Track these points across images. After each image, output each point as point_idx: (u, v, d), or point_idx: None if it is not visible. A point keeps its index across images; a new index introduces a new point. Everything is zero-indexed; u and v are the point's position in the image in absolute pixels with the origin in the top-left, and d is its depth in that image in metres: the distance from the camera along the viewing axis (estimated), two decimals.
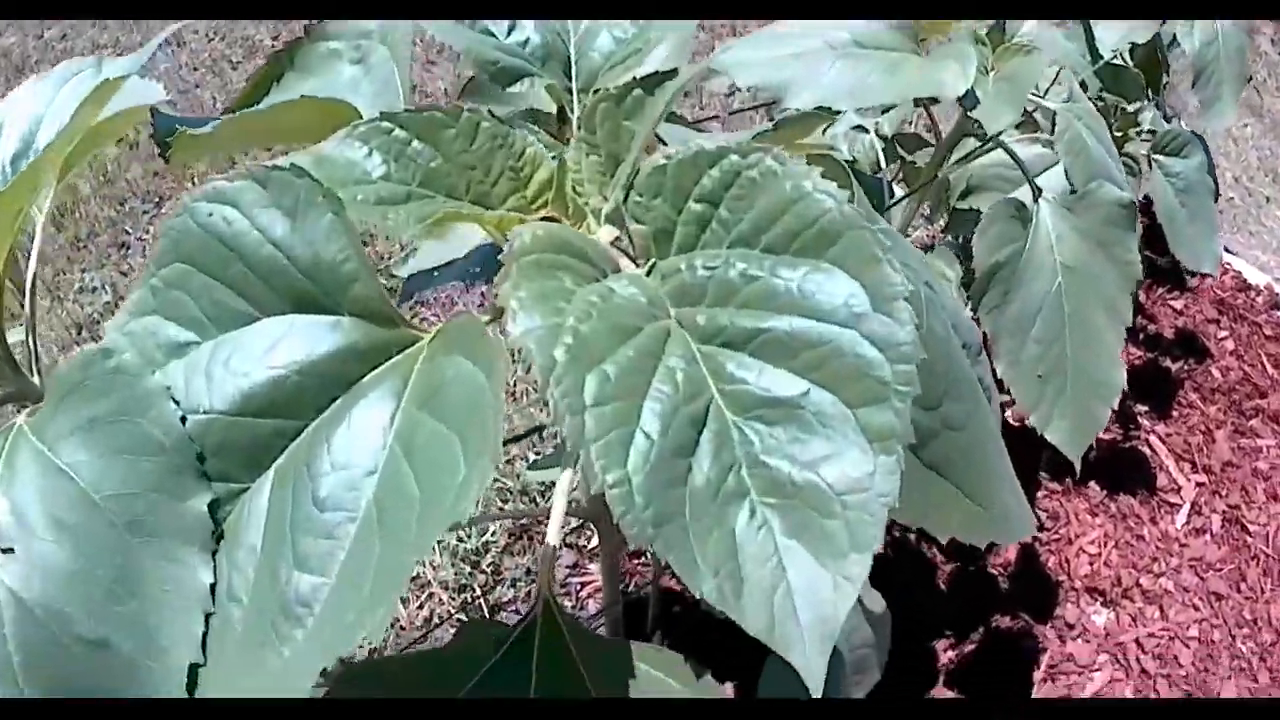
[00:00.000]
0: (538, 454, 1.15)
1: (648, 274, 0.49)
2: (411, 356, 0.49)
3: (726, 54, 0.80)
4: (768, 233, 0.46)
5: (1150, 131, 1.37)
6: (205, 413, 0.49)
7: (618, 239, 0.52)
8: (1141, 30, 1.48)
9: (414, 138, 0.53)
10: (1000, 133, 0.86)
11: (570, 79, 0.60)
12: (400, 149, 0.53)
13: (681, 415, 0.43)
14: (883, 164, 1.09)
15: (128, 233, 2.28)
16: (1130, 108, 1.32)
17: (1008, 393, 0.97)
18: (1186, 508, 1.63)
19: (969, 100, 0.83)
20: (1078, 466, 1.01)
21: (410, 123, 0.53)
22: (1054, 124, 0.96)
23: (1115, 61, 1.32)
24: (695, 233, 0.48)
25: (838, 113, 0.77)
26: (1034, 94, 1.03)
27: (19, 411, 0.56)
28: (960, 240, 1.24)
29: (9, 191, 0.62)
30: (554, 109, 0.63)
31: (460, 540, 1.43)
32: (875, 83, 0.80)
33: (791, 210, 0.46)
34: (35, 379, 0.74)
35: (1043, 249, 0.94)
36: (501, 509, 1.43)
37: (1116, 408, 1.01)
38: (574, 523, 1.35)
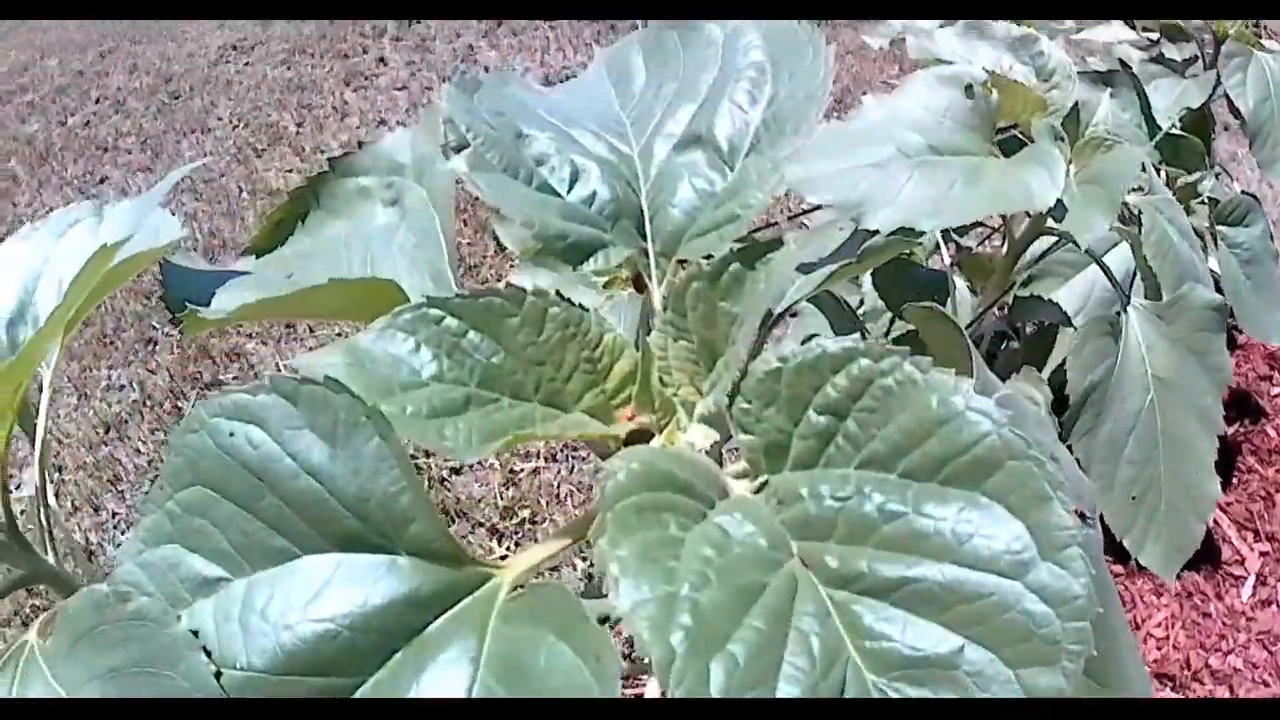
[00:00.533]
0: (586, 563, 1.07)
1: (757, 491, 0.42)
2: (483, 603, 0.41)
3: (795, 167, 0.73)
4: (907, 456, 0.39)
5: (1210, 199, 1.30)
6: (242, 669, 0.41)
7: (716, 442, 0.45)
8: (1194, 93, 1.41)
9: (469, 328, 0.45)
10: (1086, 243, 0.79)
11: (645, 238, 0.52)
12: (453, 342, 0.45)
13: (820, 693, 0.36)
14: (944, 252, 1.02)
15: (154, 328, 2.22)
16: (1190, 178, 1.25)
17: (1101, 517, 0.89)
18: (1251, 579, 1.57)
19: (1058, 210, 0.76)
20: (1172, 585, 0.94)
21: (464, 310, 0.45)
22: (1138, 222, 0.89)
23: (1173, 132, 1.25)
24: (816, 448, 0.41)
25: (920, 234, 0.70)
26: None
27: (29, 602, 0.49)
28: (1022, 327, 1.16)
29: (7, 372, 0.55)
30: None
31: None
32: (957, 195, 0.72)
33: (939, 432, 0.38)
34: (49, 556, 0.66)
35: (1134, 363, 0.86)
36: None
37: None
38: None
